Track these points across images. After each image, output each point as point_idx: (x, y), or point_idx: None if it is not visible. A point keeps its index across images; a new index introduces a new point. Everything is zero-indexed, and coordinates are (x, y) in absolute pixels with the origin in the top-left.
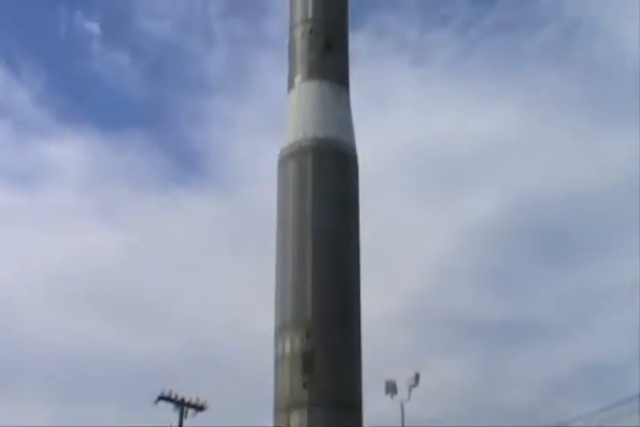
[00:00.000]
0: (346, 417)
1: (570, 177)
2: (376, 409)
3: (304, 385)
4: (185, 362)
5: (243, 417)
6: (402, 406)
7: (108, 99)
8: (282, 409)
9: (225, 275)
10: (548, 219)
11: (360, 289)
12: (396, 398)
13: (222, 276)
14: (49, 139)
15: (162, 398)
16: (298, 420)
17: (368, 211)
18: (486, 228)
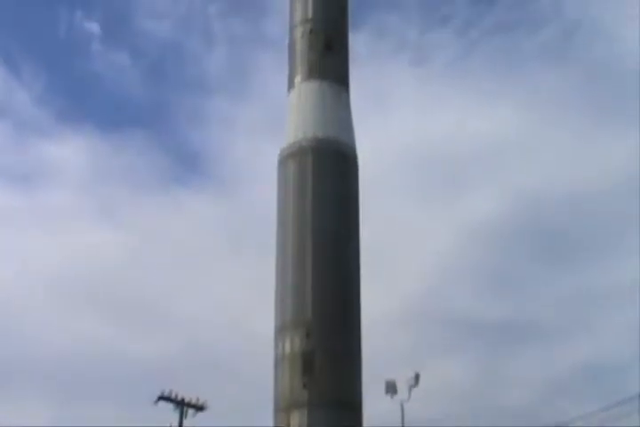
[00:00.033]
0: (346, 417)
1: (570, 177)
2: (376, 409)
3: (304, 385)
4: (185, 362)
5: (243, 417)
6: (402, 406)
7: (108, 99)
8: (282, 409)
9: (225, 275)
10: (548, 219)
11: (360, 289)
12: (396, 398)
13: (222, 276)
14: (49, 139)
15: (162, 398)
16: (298, 420)
17: (368, 211)
18: (486, 228)
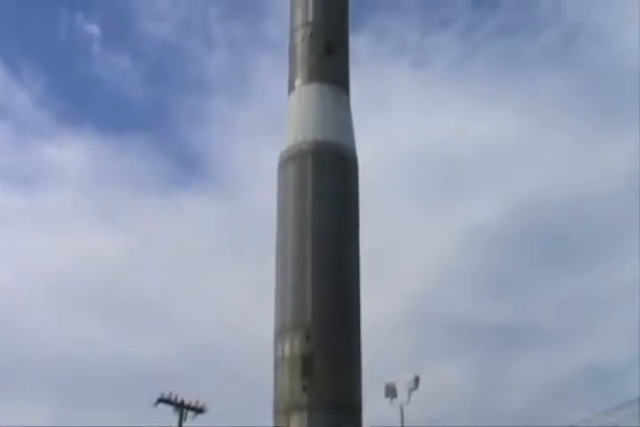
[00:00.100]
0: (345, 421)
1: (570, 181)
2: (376, 412)
3: (303, 388)
4: (185, 364)
5: (242, 420)
6: (401, 409)
7: (109, 101)
8: (281, 412)
9: (225, 277)
10: (549, 222)
11: (360, 291)
12: (396, 401)
13: (222, 278)
14: (49, 141)
15: (161, 400)
16: (297, 423)
17: (368, 213)
18: (486, 231)
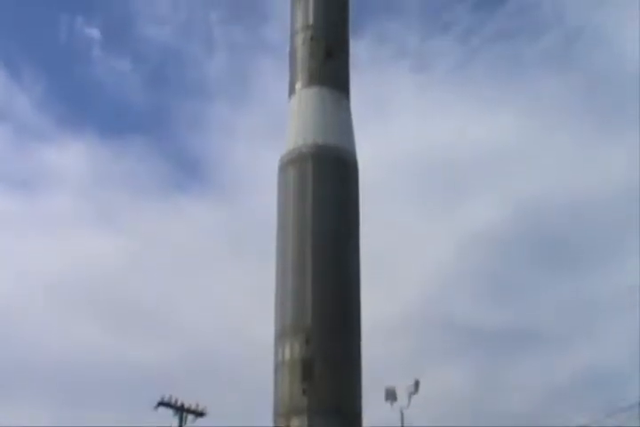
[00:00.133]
0: (345, 424)
1: (571, 184)
2: (376, 416)
3: (303, 392)
4: (185, 368)
5: (242, 423)
6: (402, 413)
7: (109, 104)
8: (281, 415)
9: (225, 281)
10: (549, 226)
11: (360, 294)
12: (396, 405)
13: (222, 282)
14: (49, 144)
15: (162, 403)
16: (298, 426)
17: (368, 217)
18: (487, 235)
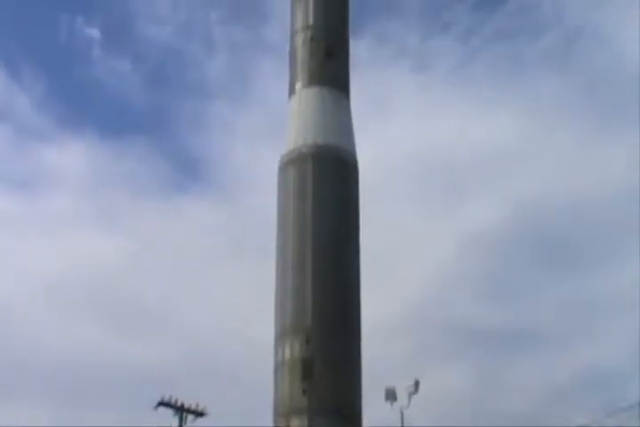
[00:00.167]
0: (345, 424)
1: (571, 184)
2: (376, 416)
3: (303, 392)
4: (185, 368)
5: (242, 423)
6: (402, 413)
7: (109, 105)
8: (281, 415)
9: (225, 281)
10: (549, 226)
11: (360, 294)
12: (396, 405)
13: (223, 282)
14: (49, 144)
15: (162, 403)
16: (298, 426)
17: (368, 217)
18: (487, 235)
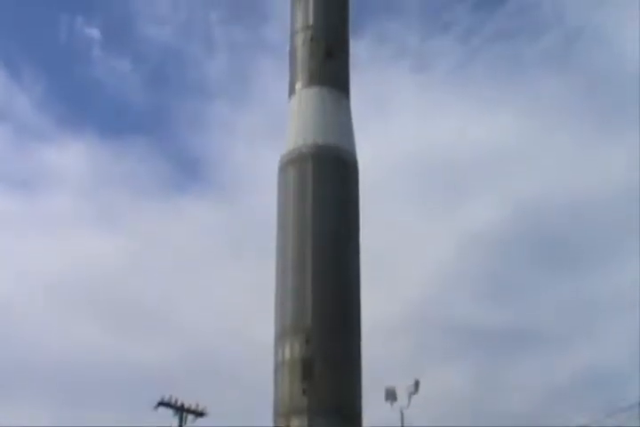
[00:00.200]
0: (345, 424)
1: (571, 184)
2: (376, 416)
3: (303, 391)
4: (185, 368)
5: (242, 423)
6: (402, 413)
7: (109, 105)
8: (281, 415)
9: (225, 281)
10: (549, 226)
11: (360, 294)
12: (396, 405)
13: (223, 282)
14: (49, 144)
15: (162, 403)
16: (298, 426)
17: (368, 217)
18: (487, 235)
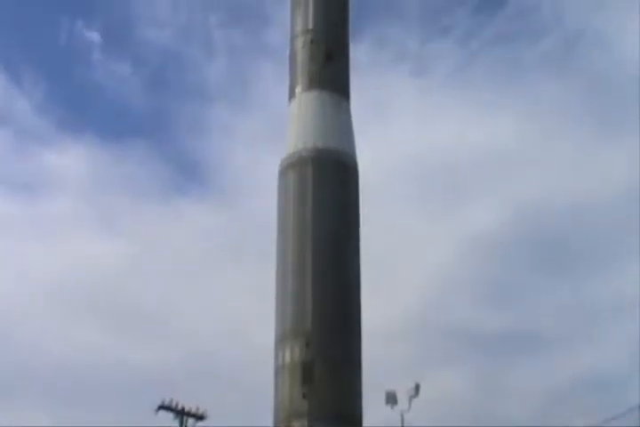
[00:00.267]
0: None
1: (571, 188)
2: (376, 420)
3: (304, 395)
4: (185, 371)
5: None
6: (402, 416)
7: (109, 108)
8: (281, 419)
9: (225, 284)
10: (549, 230)
11: (360, 298)
12: (397, 408)
13: (223, 285)
14: (49, 148)
15: (162, 407)
16: None
17: (368, 220)
18: (487, 238)
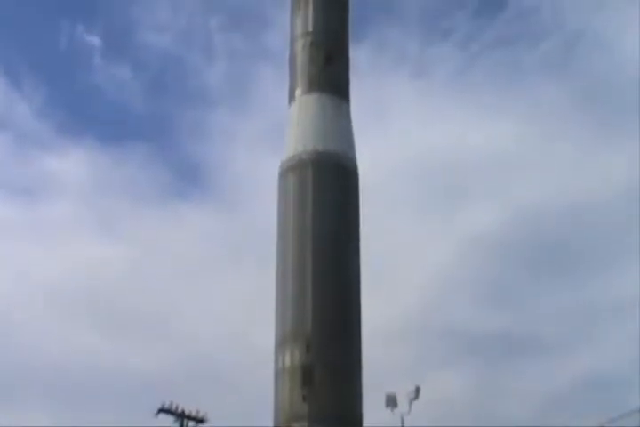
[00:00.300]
0: None
1: (571, 189)
2: (376, 422)
3: (304, 398)
4: (185, 374)
5: None
6: (402, 419)
7: (109, 112)
8: (282, 422)
9: (225, 288)
10: (549, 231)
11: (360, 300)
12: (397, 411)
13: (223, 289)
14: (50, 152)
15: (162, 410)
16: None
17: (368, 222)
18: (486, 239)
